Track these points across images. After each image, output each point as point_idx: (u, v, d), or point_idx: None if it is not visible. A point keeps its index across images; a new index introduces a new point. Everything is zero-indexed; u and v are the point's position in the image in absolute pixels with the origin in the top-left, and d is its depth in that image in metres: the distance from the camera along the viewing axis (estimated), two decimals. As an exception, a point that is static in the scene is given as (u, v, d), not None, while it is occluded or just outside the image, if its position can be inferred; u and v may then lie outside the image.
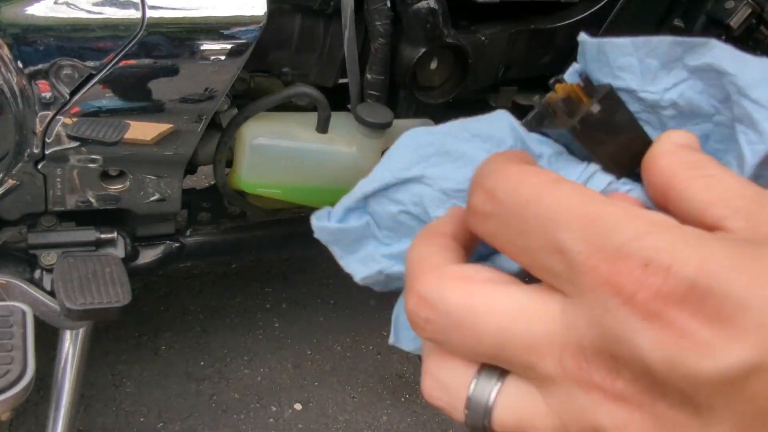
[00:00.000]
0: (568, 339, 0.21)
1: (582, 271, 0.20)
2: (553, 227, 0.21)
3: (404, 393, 1.40)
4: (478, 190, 0.23)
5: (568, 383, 0.21)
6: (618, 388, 0.20)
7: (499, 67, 1.16)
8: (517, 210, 0.22)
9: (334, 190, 1.16)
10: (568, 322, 0.21)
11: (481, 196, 0.23)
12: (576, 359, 0.21)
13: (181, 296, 1.53)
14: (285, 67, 1.07)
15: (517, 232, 0.22)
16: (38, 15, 0.82)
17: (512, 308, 0.22)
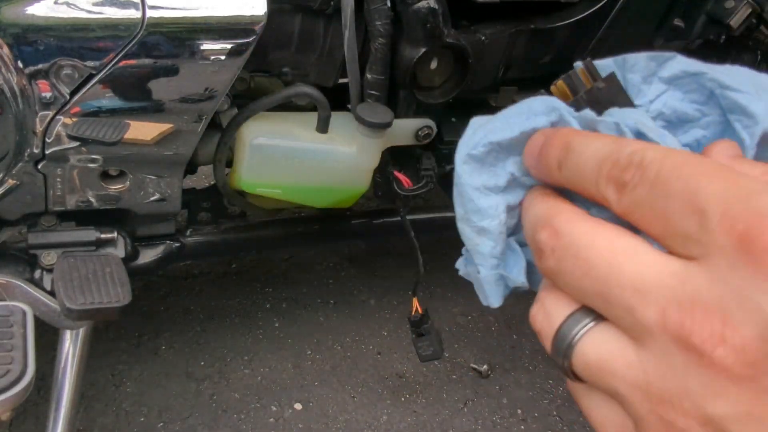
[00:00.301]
0: (681, 293, 0.21)
1: (717, 230, 0.20)
2: (695, 190, 0.21)
3: (404, 393, 1.40)
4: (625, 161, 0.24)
5: (666, 338, 0.21)
6: (718, 355, 0.20)
7: (499, 67, 1.16)
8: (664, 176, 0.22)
9: (334, 190, 1.16)
10: (687, 278, 0.21)
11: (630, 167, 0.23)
12: (682, 314, 0.21)
13: (181, 296, 1.54)
14: (285, 67, 1.07)
15: (661, 195, 0.22)
16: (38, 15, 0.82)
17: (631, 251, 0.23)
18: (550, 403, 1.43)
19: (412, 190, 1.18)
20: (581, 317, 0.24)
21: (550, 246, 0.25)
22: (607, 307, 0.23)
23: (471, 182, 0.30)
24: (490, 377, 1.47)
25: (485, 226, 0.31)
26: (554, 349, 0.25)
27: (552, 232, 0.25)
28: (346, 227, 1.34)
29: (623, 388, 0.23)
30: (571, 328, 0.25)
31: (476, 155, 0.30)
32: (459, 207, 0.31)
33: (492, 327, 1.59)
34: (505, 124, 0.29)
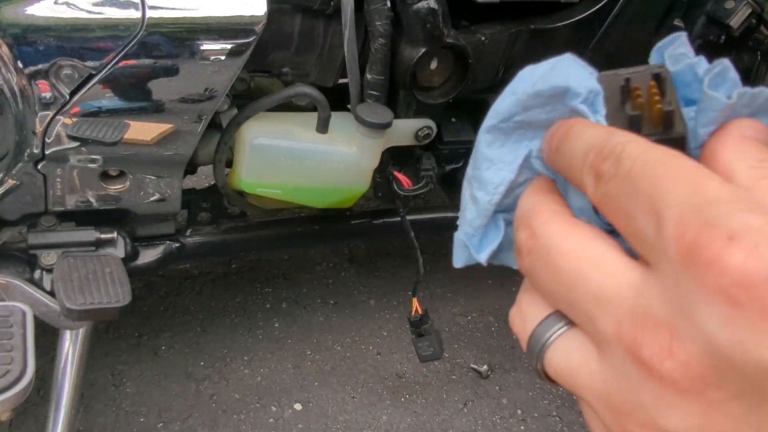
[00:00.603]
0: (636, 305, 0.21)
1: (670, 238, 0.20)
2: (657, 192, 0.21)
3: (404, 393, 1.40)
4: (607, 151, 0.23)
5: (620, 350, 0.21)
6: (666, 369, 0.20)
7: (499, 67, 1.16)
8: (635, 172, 0.22)
9: (334, 191, 1.16)
10: (641, 290, 0.21)
11: (609, 158, 0.23)
12: (634, 328, 0.21)
13: (181, 296, 1.54)
14: (285, 67, 1.07)
15: (628, 192, 0.22)
16: (38, 15, 0.82)
17: (596, 259, 0.23)
18: (550, 403, 1.43)
19: (412, 190, 1.18)
20: (553, 322, 0.25)
21: (527, 246, 0.25)
22: (573, 314, 0.23)
23: (486, 152, 0.30)
24: (490, 377, 1.47)
25: (478, 196, 0.31)
26: (529, 351, 0.25)
27: (530, 232, 0.25)
28: (346, 227, 1.34)
29: (587, 395, 0.23)
30: (543, 332, 0.25)
31: (502, 129, 0.30)
32: (469, 168, 0.32)
33: (492, 327, 1.59)
34: (540, 102, 0.28)
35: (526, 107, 0.29)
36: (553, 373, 0.24)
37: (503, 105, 0.30)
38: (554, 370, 0.24)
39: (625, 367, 0.21)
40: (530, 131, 0.29)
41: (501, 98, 0.30)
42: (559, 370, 0.24)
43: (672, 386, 0.20)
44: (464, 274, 1.72)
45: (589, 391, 0.23)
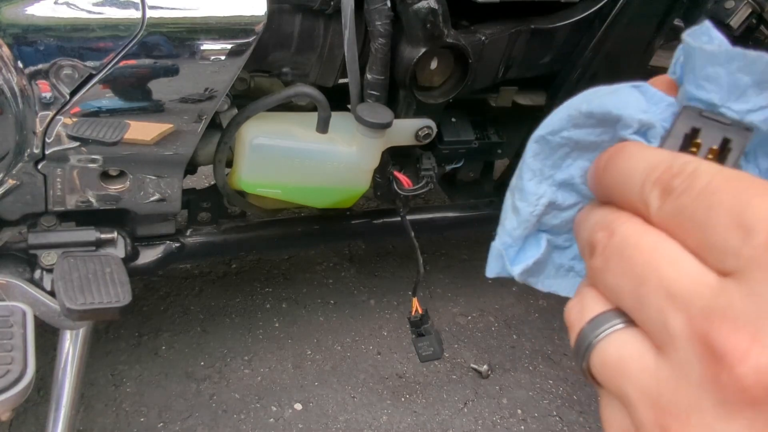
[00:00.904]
0: (714, 304, 0.21)
1: (760, 245, 0.20)
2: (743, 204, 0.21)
3: (404, 393, 1.40)
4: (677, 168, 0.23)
5: (688, 348, 0.21)
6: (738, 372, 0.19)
7: (499, 67, 1.16)
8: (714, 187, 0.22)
9: (334, 191, 1.16)
10: (721, 291, 0.21)
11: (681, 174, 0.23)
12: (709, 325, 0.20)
13: (181, 296, 1.53)
14: (285, 67, 1.07)
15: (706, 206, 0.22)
16: (38, 15, 0.82)
17: (673, 257, 0.22)
18: (550, 403, 1.43)
19: (412, 190, 1.18)
20: (612, 317, 0.24)
21: (602, 244, 0.25)
22: (639, 308, 0.23)
23: (531, 163, 0.30)
24: (490, 377, 1.47)
25: (519, 206, 0.30)
26: (578, 342, 0.25)
27: (609, 232, 0.25)
28: (346, 227, 1.34)
29: (632, 392, 0.22)
30: (599, 324, 0.25)
31: (551, 141, 0.29)
32: (514, 177, 0.31)
33: (492, 327, 1.59)
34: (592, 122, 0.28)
35: (576, 125, 0.29)
36: (600, 365, 0.24)
37: (555, 118, 0.29)
38: (602, 362, 0.24)
39: (689, 366, 0.21)
40: (576, 151, 0.29)
41: (556, 111, 0.30)
42: (607, 363, 0.24)
43: (741, 393, 0.19)
44: (464, 274, 1.72)
45: (636, 388, 0.22)
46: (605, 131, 0.28)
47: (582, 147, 0.29)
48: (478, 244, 1.82)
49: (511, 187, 0.31)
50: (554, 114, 0.29)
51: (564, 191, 0.30)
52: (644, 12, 1.17)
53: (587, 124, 0.28)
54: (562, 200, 0.30)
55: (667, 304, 0.22)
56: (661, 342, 0.22)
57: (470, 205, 1.43)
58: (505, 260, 0.31)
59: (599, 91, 0.29)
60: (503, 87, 1.25)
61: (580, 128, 0.29)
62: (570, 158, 0.30)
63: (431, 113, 1.13)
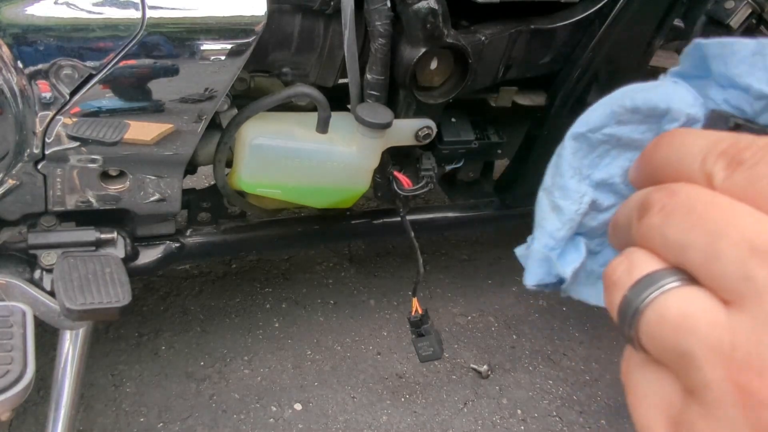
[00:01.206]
0: None
1: None
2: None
3: (404, 393, 1.40)
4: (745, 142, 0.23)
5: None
6: None
7: (499, 67, 1.16)
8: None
9: (334, 191, 1.16)
10: None
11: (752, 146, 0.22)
12: None
13: (181, 296, 1.53)
14: (285, 67, 1.07)
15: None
16: (38, 15, 0.82)
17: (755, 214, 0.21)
18: (550, 403, 1.43)
19: (412, 190, 1.18)
20: (669, 274, 0.23)
21: (660, 203, 0.23)
22: (712, 263, 0.21)
23: (571, 159, 0.29)
24: (490, 377, 1.47)
25: (562, 205, 0.29)
26: (625, 303, 0.23)
27: (669, 192, 0.23)
28: (346, 227, 1.34)
29: (699, 348, 0.21)
30: (654, 281, 0.23)
31: (591, 139, 0.28)
32: (548, 176, 0.30)
33: (492, 327, 1.59)
34: (636, 119, 0.27)
35: (620, 121, 0.28)
36: (656, 324, 0.22)
37: (595, 114, 0.28)
38: (660, 320, 0.22)
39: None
40: (617, 149, 0.28)
41: (593, 108, 0.29)
42: (669, 320, 0.22)
43: None
44: (464, 274, 1.72)
45: (704, 343, 0.21)
46: (649, 128, 0.27)
47: (623, 144, 0.28)
48: (478, 244, 1.82)
49: (545, 187, 0.30)
50: (594, 111, 0.29)
51: (602, 191, 0.29)
52: (644, 12, 1.17)
53: (632, 120, 0.28)
54: (601, 200, 0.29)
55: (751, 259, 0.20)
56: (739, 295, 0.21)
57: (470, 205, 1.43)
58: (553, 262, 0.30)
59: (640, 87, 0.28)
60: (503, 87, 1.25)
61: (623, 125, 0.28)
62: (609, 156, 0.29)
63: (431, 113, 1.13)
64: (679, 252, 0.23)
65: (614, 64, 1.22)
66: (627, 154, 0.28)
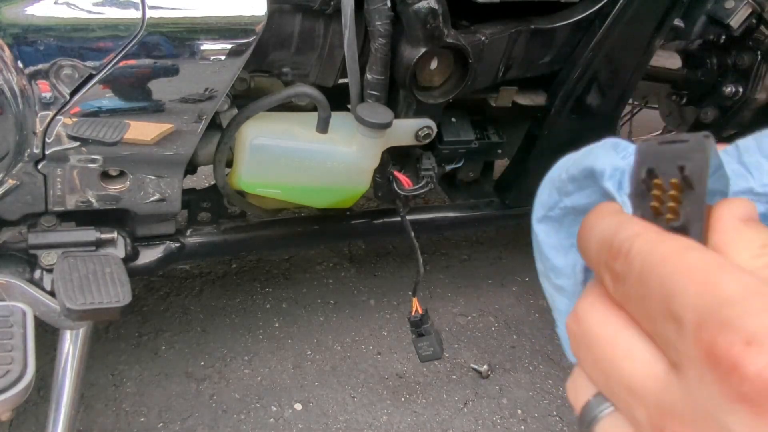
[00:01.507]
0: (662, 401, 0.21)
1: (690, 340, 0.20)
2: (670, 294, 0.21)
3: (404, 393, 1.40)
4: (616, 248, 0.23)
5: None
6: None
7: (499, 67, 1.16)
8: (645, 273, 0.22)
9: (334, 191, 1.16)
10: (667, 386, 0.21)
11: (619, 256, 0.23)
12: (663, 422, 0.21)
13: (181, 296, 1.53)
14: (285, 67, 1.07)
15: (644, 294, 0.22)
16: (38, 15, 0.82)
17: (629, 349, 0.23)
18: (550, 403, 1.43)
19: (412, 190, 1.18)
20: (600, 401, 0.25)
21: (572, 331, 0.26)
22: (612, 399, 0.24)
23: (547, 241, 0.31)
24: (490, 377, 1.47)
25: (561, 284, 0.31)
26: (580, 421, 0.26)
27: (575, 318, 0.25)
28: (346, 227, 1.34)
29: None
30: (592, 409, 0.25)
31: (553, 216, 0.30)
32: (538, 262, 0.32)
33: (492, 327, 1.59)
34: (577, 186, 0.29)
35: (566, 193, 0.29)
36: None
37: (544, 195, 0.30)
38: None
39: None
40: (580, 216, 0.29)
41: (541, 188, 0.30)
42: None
43: None
44: (464, 274, 1.72)
45: None
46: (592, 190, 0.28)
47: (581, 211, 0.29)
48: (478, 244, 1.82)
49: (541, 273, 0.32)
50: (542, 192, 0.30)
51: None
52: (644, 12, 1.17)
53: (574, 189, 0.29)
54: None
55: (630, 398, 0.22)
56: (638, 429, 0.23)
57: (470, 205, 1.43)
58: None
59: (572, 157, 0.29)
60: (503, 87, 1.25)
61: (569, 195, 0.29)
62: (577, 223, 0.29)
63: (431, 113, 1.13)
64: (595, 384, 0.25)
65: (614, 64, 1.22)
66: None
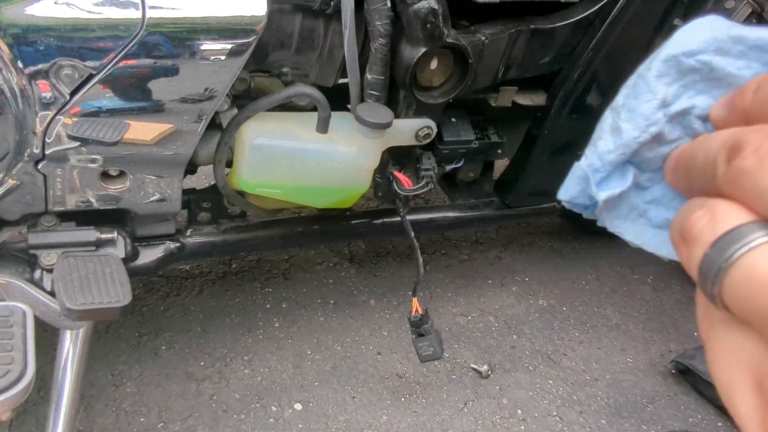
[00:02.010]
0: None
1: None
2: None
3: (404, 393, 1.40)
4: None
5: None
6: None
7: (499, 67, 1.16)
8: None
9: (334, 190, 1.17)
10: None
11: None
12: None
13: (181, 296, 1.53)
14: (285, 67, 1.07)
15: None
16: (38, 15, 0.82)
17: None
18: (550, 403, 1.43)
19: (412, 190, 1.18)
20: (759, 228, 0.21)
21: (755, 144, 0.21)
22: None
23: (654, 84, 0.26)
24: (490, 377, 1.47)
25: (623, 128, 0.27)
26: (708, 260, 0.22)
27: (764, 131, 0.21)
28: (346, 227, 1.34)
29: None
30: (741, 236, 0.21)
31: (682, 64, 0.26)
32: (621, 95, 0.27)
33: (492, 327, 1.59)
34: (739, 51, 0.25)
35: (720, 49, 0.25)
36: (743, 282, 0.21)
37: (694, 37, 0.26)
38: (748, 278, 0.20)
39: None
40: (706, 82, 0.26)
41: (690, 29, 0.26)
42: (756, 277, 0.20)
43: None
44: (464, 274, 1.72)
45: None
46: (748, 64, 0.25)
47: (715, 78, 0.26)
48: (478, 244, 1.82)
49: (615, 105, 0.28)
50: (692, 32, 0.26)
51: (676, 125, 0.27)
52: (644, 12, 1.17)
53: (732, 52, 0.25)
54: (669, 134, 0.27)
55: None
56: None
57: (470, 205, 1.43)
58: (590, 183, 0.28)
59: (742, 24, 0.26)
60: (503, 87, 1.25)
61: (722, 54, 0.25)
62: (695, 89, 0.26)
63: (431, 113, 1.13)
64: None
65: (614, 64, 1.22)
66: (714, 91, 0.26)
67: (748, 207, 0.22)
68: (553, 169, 1.33)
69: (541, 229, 1.91)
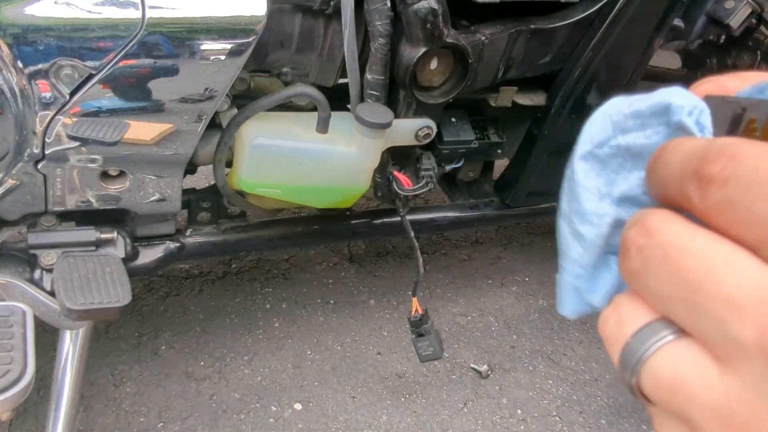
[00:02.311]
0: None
1: None
2: None
3: (404, 393, 1.40)
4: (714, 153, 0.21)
5: (763, 361, 0.18)
6: None
7: (499, 67, 1.16)
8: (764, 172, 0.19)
9: (334, 190, 1.16)
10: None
11: (720, 158, 0.20)
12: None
13: (181, 296, 1.53)
14: (285, 67, 1.07)
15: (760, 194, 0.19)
16: (38, 15, 0.82)
17: (730, 260, 0.20)
18: (550, 403, 1.43)
19: (412, 190, 1.18)
20: (660, 328, 0.21)
21: (637, 244, 0.22)
22: (694, 319, 0.20)
23: (585, 182, 0.27)
24: (490, 377, 1.47)
25: (582, 231, 0.28)
26: (623, 360, 0.22)
27: (643, 229, 0.22)
28: (346, 227, 1.34)
29: (698, 414, 0.20)
30: (645, 339, 0.22)
31: (599, 155, 0.27)
32: (564, 203, 0.28)
33: (492, 327, 1.59)
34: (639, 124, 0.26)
35: (623, 129, 0.26)
36: (654, 386, 0.21)
37: (595, 128, 0.27)
38: (657, 382, 0.21)
39: (765, 380, 0.18)
40: (629, 160, 0.27)
41: (592, 121, 0.27)
42: (663, 381, 0.21)
43: None
44: (464, 274, 1.72)
45: (702, 408, 0.20)
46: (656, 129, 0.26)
47: (634, 153, 0.26)
48: (478, 244, 1.82)
49: (563, 214, 0.29)
50: (593, 124, 0.27)
51: (626, 206, 0.27)
52: (644, 12, 1.17)
53: (634, 126, 0.26)
54: (625, 216, 0.27)
55: (731, 315, 0.19)
56: (726, 355, 0.20)
57: (470, 205, 1.43)
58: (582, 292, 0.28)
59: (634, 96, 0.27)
60: (503, 87, 1.25)
61: (628, 132, 0.26)
62: (625, 169, 0.27)
63: (431, 113, 1.13)
64: (664, 306, 0.22)
65: (614, 64, 1.22)
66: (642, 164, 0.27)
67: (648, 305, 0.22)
68: (553, 169, 1.33)
69: (541, 229, 1.91)
